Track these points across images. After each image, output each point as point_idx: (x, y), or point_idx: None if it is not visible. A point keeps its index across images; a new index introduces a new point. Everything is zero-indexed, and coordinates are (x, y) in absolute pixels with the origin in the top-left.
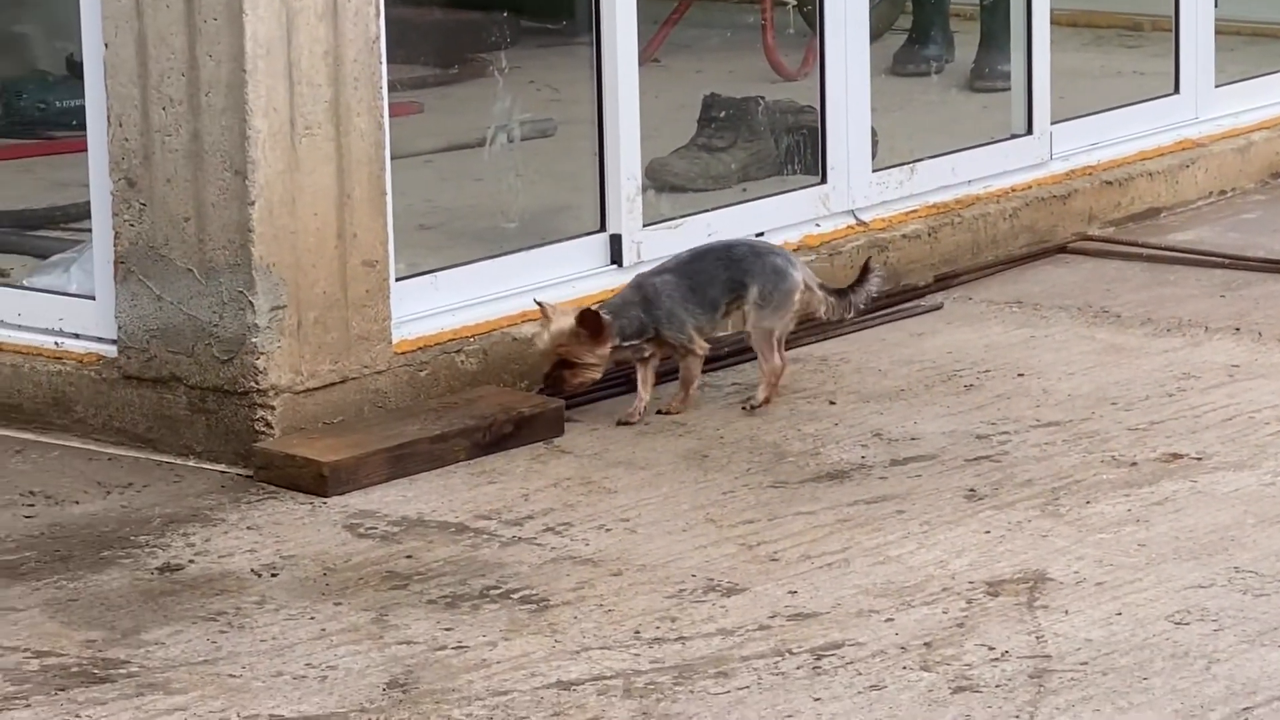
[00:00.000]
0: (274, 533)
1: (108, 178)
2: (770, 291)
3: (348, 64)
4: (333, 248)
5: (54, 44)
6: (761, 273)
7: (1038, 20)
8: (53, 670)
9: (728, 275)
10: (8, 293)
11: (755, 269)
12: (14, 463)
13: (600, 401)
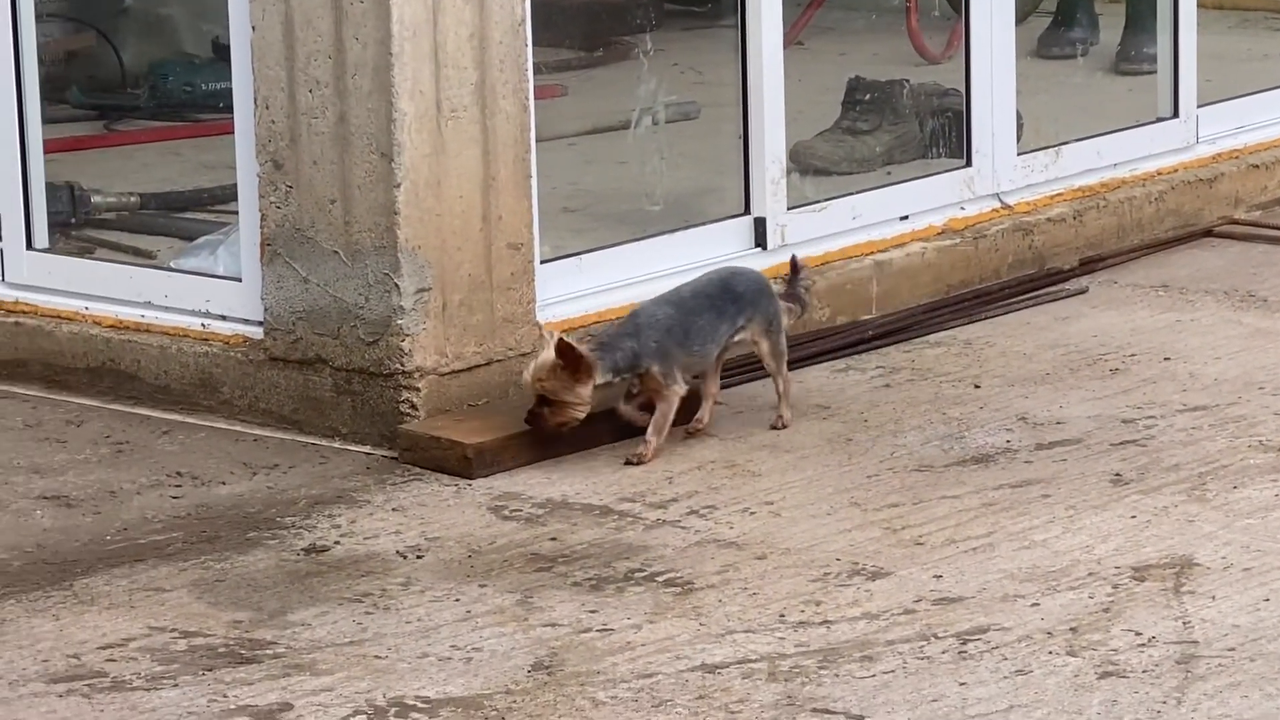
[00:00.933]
0: (419, 515)
1: (254, 160)
2: (774, 315)
3: (493, 46)
4: (478, 230)
5: (199, 27)
6: (762, 300)
7: (1184, 2)
8: (200, 650)
9: (734, 309)
10: (155, 275)
11: (757, 298)
12: (161, 444)
13: (743, 385)
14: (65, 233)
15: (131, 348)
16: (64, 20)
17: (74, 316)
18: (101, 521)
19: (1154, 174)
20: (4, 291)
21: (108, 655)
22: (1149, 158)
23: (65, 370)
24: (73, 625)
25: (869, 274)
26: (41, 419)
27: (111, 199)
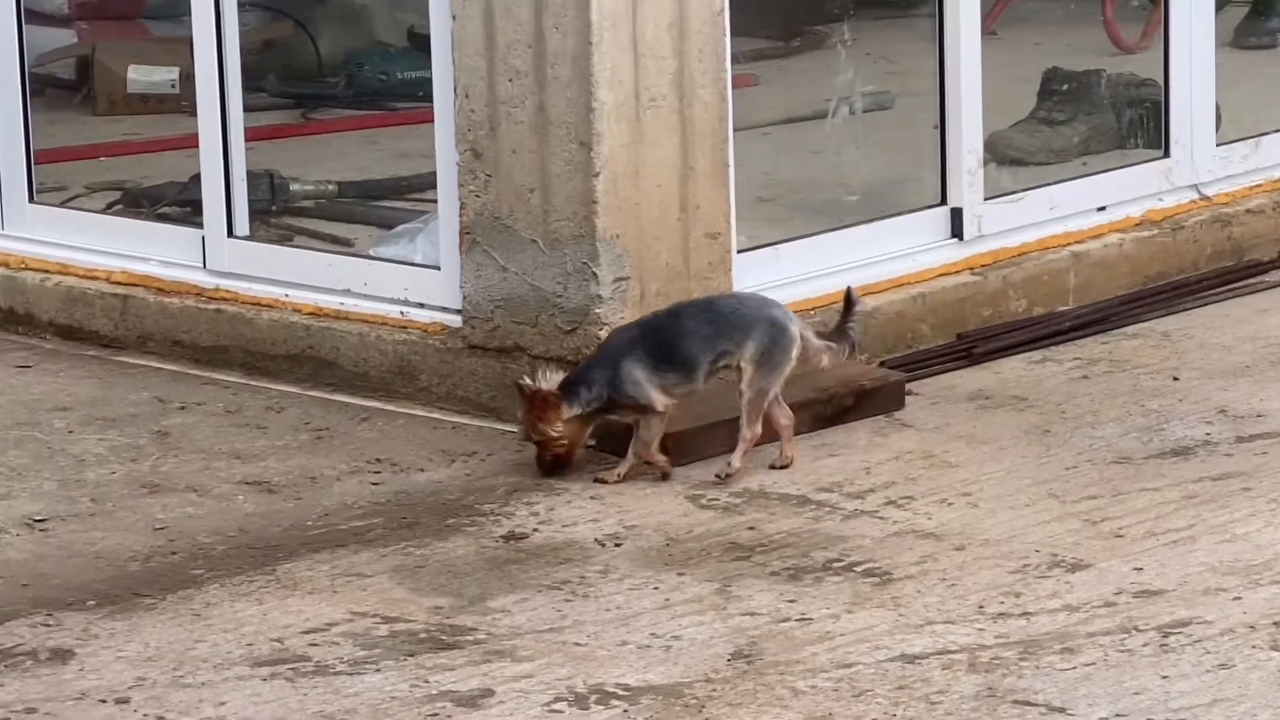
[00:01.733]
0: (616, 503)
1: (454, 149)
2: (770, 347)
3: (692, 36)
4: (675, 219)
5: (395, 16)
6: (758, 328)
7: None
8: (401, 636)
9: (711, 330)
10: (354, 262)
11: (750, 324)
12: (360, 430)
13: (939, 375)
14: (264, 220)
15: (330, 335)
16: (262, 9)
17: (274, 304)
18: (302, 507)
19: None
20: (205, 279)
21: (310, 640)
22: None
23: (265, 357)
24: (276, 609)
25: (1066, 265)
26: (242, 405)
27: (310, 187)
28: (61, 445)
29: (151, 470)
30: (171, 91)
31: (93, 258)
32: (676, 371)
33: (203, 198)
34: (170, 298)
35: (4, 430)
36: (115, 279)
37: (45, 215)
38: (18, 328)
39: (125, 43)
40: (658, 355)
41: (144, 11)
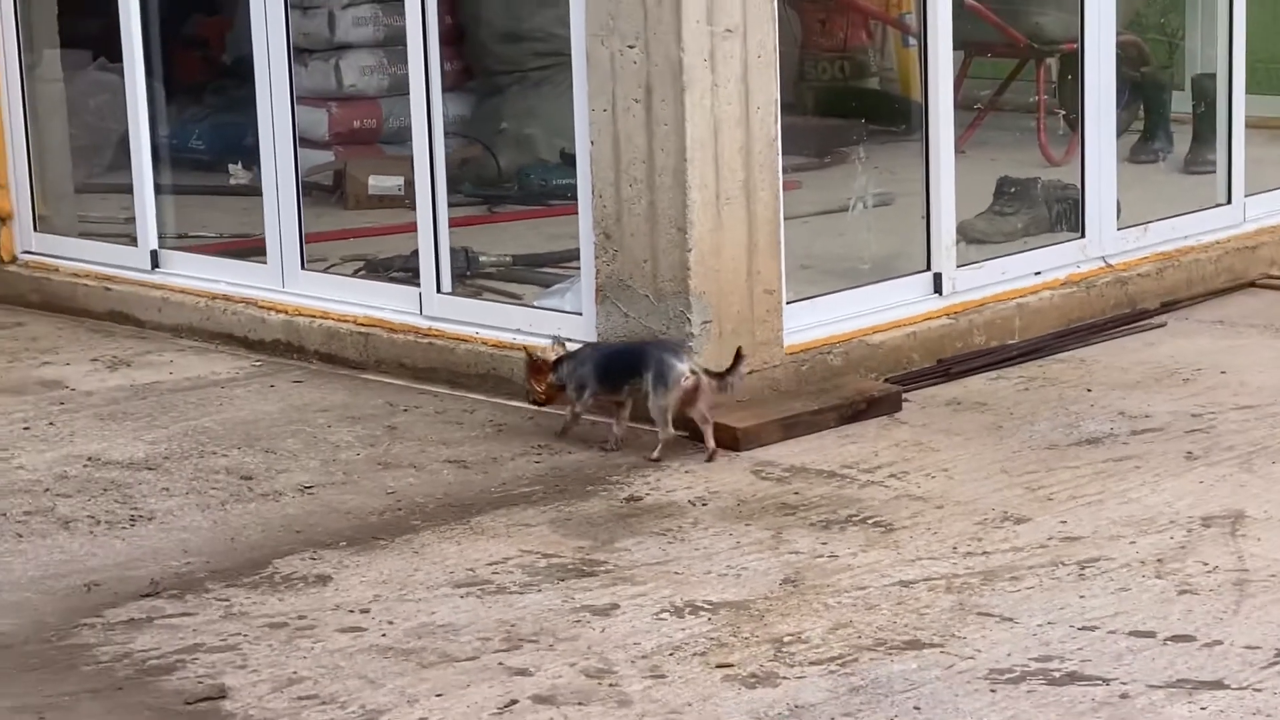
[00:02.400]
0: (704, 475)
1: (592, 232)
2: (661, 378)
3: (755, 155)
4: (743, 281)
5: (551, 141)
6: (655, 364)
7: (1236, 122)
8: (555, 567)
9: (627, 365)
10: (523, 310)
11: (651, 361)
12: (528, 426)
13: (926, 388)
14: (462, 281)
15: (507, 360)
16: (460, 137)
17: (468, 339)
18: (487, 478)
19: (1213, 243)
20: (422, 321)
21: (493, 569)
22: (1210, 232)
23: (462, 375)
24: (469, 549)
25: (1013, 312)
26: (446, 409)
27: (493, 258)
28: (323, 436)
29: (384, 453)
30: (399, 194)
31: (344, 307)
32: (607, 387)
33: (420, 266)
34: (397, 334)
35: (284, 425)
36: (360, 321)
37: (312, 278)
38: (293, 355)
39: (367, 160)
40: (601, 374)
41: (380, 138)
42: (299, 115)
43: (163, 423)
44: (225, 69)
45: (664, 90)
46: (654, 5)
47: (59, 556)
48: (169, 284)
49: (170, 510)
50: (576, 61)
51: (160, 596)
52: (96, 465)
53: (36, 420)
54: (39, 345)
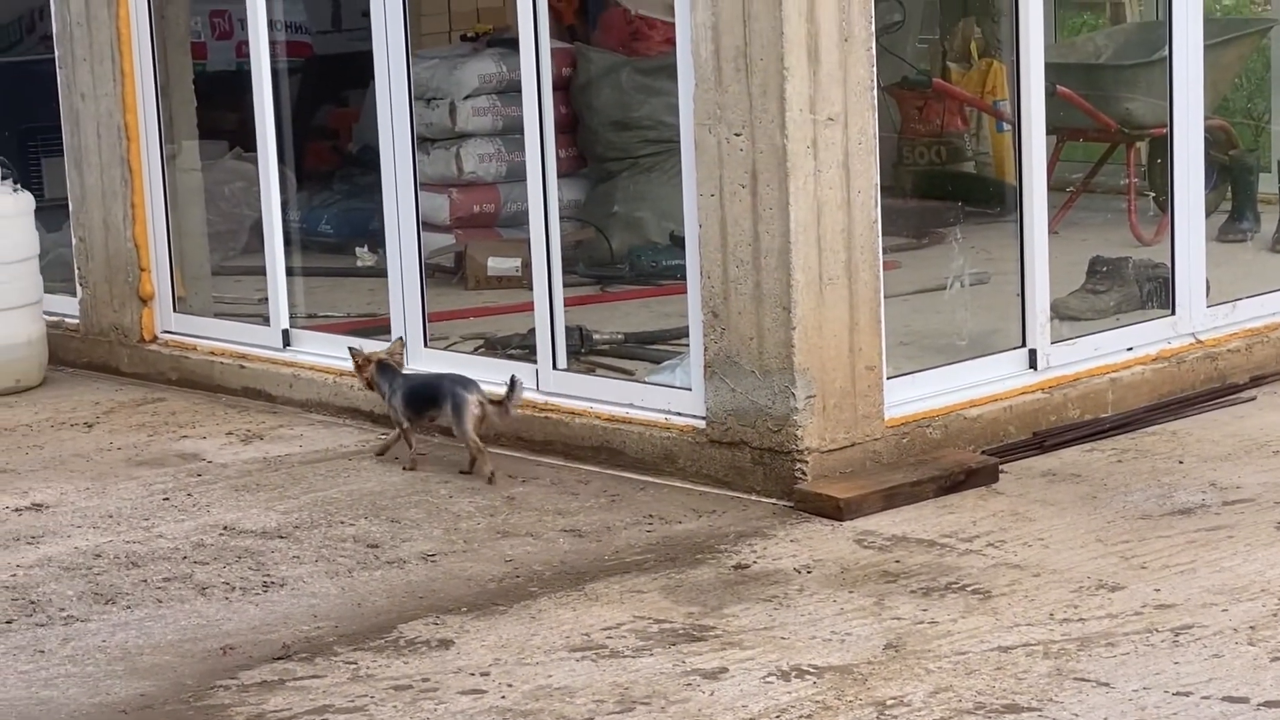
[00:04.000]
0: (808, 544)
1: (700, 311)
2: (456, 408)
3: (856, 237)
4: (845, 357)
5: (661, 224)
6: (450, 396)
7: None
8: (666, 632)
9: (429, 396)
10: (635, 385)
11: (446, 394)
12: (639, 496)
13: (1021, 460)
14: (576, 357)
15: (620, 433)
16: (574, 220)
17: (583, 413)
18: (601, 546)
19: None
20: (538, 396)
21: (607, 634)
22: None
23: (577, 448)
24: (585, 614)
25: (1106, 386)
26: (562, 479)
27: (605, 336)
28: (445, 506)
29: (503, 522)
30: (516, 274)
31: None
32: (412, 411)
33: (536, 343)
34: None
35: (407, 496)
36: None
37: (435, 355)
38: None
39: (486, 242)
40: (408, 400)
41: (498, 222)
42: (422, 200)
43: (293, 493)
44: (352, 157)
45: (769, 176)
46: (759, 95)
47: (196, 621)
48: (299, 361)
49: (300, 577)
50: (685, 149)
51: (291, 659)
52: (231, 534)
53: (175, 491)
54: (177, 420)
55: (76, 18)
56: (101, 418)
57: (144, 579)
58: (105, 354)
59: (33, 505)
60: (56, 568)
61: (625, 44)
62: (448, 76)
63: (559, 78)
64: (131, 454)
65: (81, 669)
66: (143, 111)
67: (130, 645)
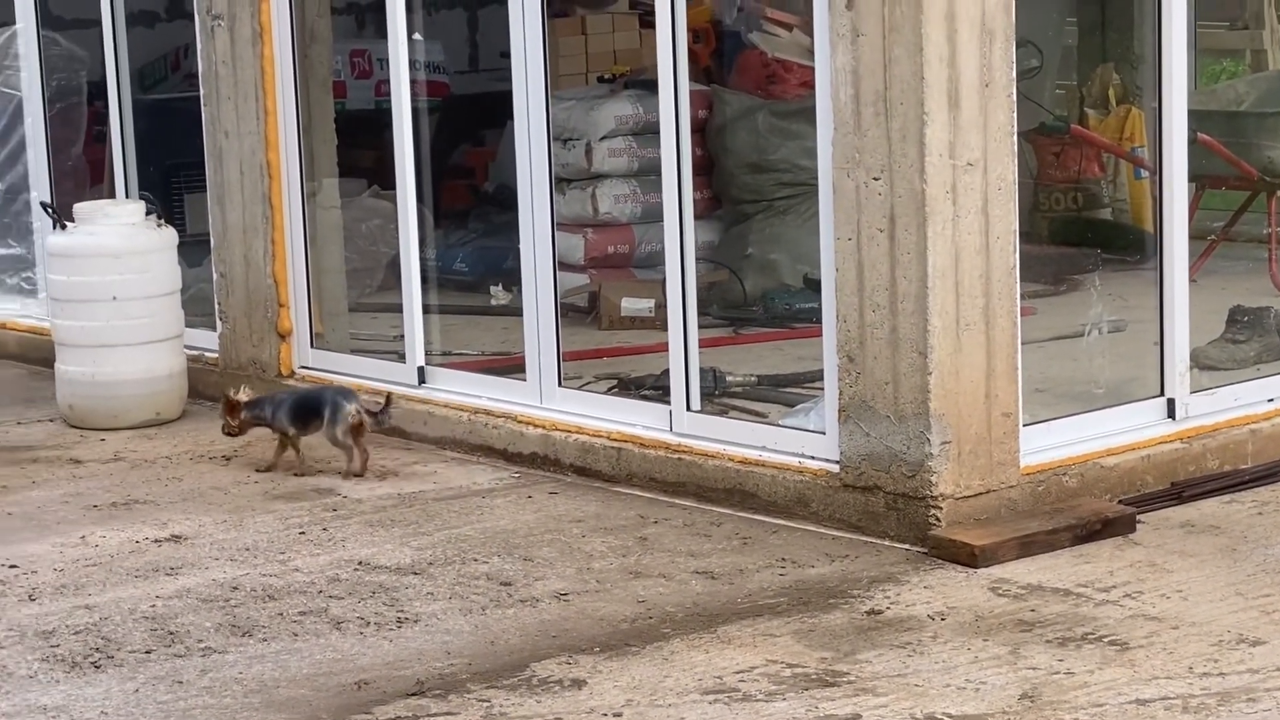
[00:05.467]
0: (941, 591)
1: (835, 355)
2: (333, 416)
3: (994, 282)
4: (981, 404)
5: (795, 266)
6: (330, 404)
7: None
8: (799, 676)
9: (310, 406)
10: (769, 428)
11: (326, 403)
12: (772, 539)
13: (1159, 510)
14: (710, 399)
15: (753, 476)
16: (708, 262)
17: (716, 455)
18: (734, 589)
19: None
20: (671, 438)
21: (740, 678)
22: None
23: (710, 490)
24: (717, 657)
25: (1246, 437)
26: (694, 521)
27: (739, 378)
28: (578, 545)
29: (635, 563)
30: (650, 315)
31: (598, 423)
32: (296, 423)
33: (670, 385)
34: (648, 449)
35: (540, 535)
36: (613, 436)
37: (569, 395)
38: (549, 468)
39: (620, 283)
40: (292, 412)
41: (633, 262)
42: (557, 240)
43: (427, 530)
44: (488, 196)
45: (907, 220)
46: (898, 140)
47: (331, 655)
48: (434, 399)
49: (434, 613)
50: (823, 192)
51: (425, 696)
52: (366, 569)
53: (311, 526)
54: (314, 454)
55: (222, 56)
56: (239, 451)
57: (280, 612)
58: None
59: (172, 537)
60: (195, 599)
61: (761, 87)
62: (584, 117)
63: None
64: (268, 488)
65: (219, 700)
66: (285, 149)
67: (266, 678)
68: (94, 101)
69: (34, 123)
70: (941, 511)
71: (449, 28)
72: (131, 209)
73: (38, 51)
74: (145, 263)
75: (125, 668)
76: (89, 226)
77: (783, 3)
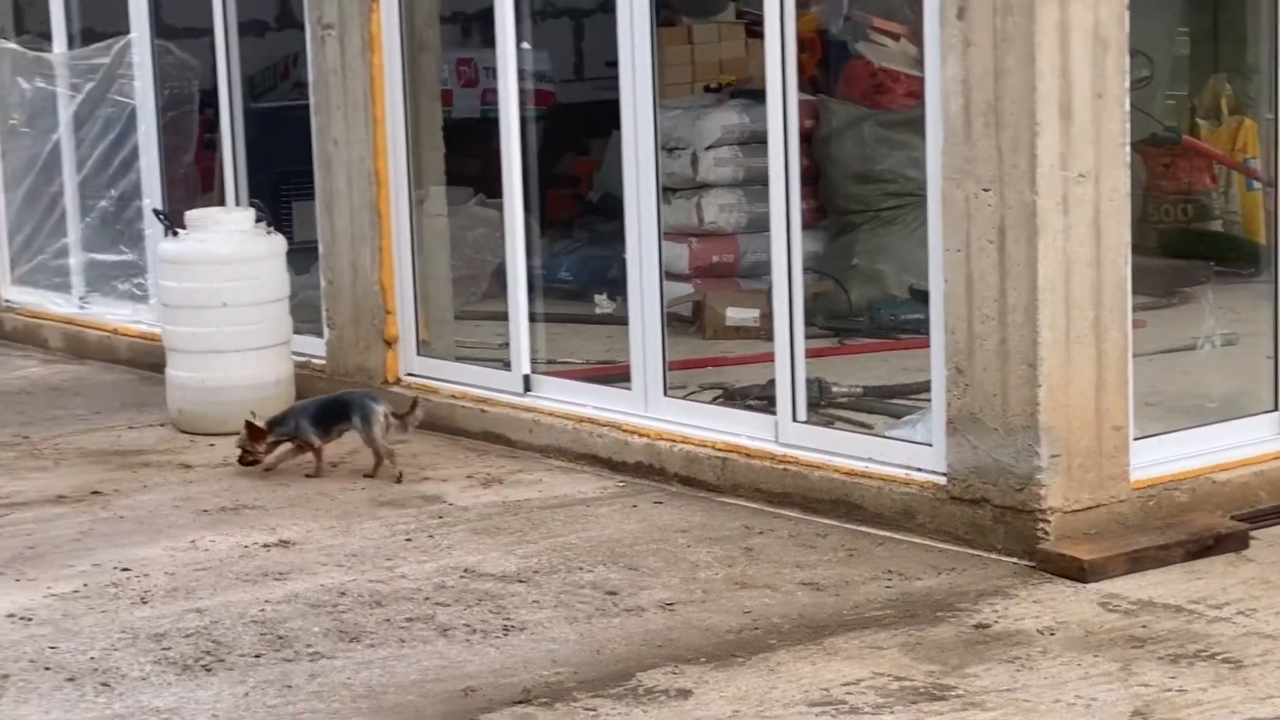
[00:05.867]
0: (1050, 605)
1: (944, 367)
2: (364, 419)
3: (1105, 295)
4: (1091, 417)
5: (900, 277)
6: (359, 408)
7: None
8: (906, 690)
9: (337, 411)
10: (876, 440)
11: (355, 407)
12: (878, 551)
13: (1273, 526)
14: (816, 410)
15: (859, 487)
16: (814, 272)
17: (822, 465)
18: (840, 601)
19: None
20: (777, 448)
21: (846, 690)
22: None
23: (815, 501)
24: (824, 669)
25: None
26: (799, 532)
27: (845, 389)
28: (683, 555)
29: (741, 573)
30: (754, 325)
31: (703, 432)
32: (321, 430)
33: (776, 395)
34: (754, 460)
35: (645, 544)
36: (718, 446)
37: (674, 404)
38: (654, 477)
39: (725, 293)
40: (316, 420)
41: (737, 272)
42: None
43: (532, 538)
44: (593, 205)
45: (1017, 232)
46: (1009, 151)
47: (438, 661)
48: (539, 407)
49: (540, 622)
50: (932, 203)
51: (532, 704)
52: (472, 576)
53: (417, 532)
54: (419, 462)
55: (332, 66)
56: (346, 457)
57: (387, 618)
58: None
59: (280, 542)
60: (303, 604)
61: (868, 97)
62: (690, 127)
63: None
64: (374, 494)
65: (327, 705)
66: (393, 158)
67: (374, 683)
68: (205, 109)
69: (147, 130)
70: (1050, 525)
71: (555, 36)
72: (241, 216)
73: (151, 60)
74: (255, 269)
75: (235, 671)
76: (200, 233)
77: (889, 12)
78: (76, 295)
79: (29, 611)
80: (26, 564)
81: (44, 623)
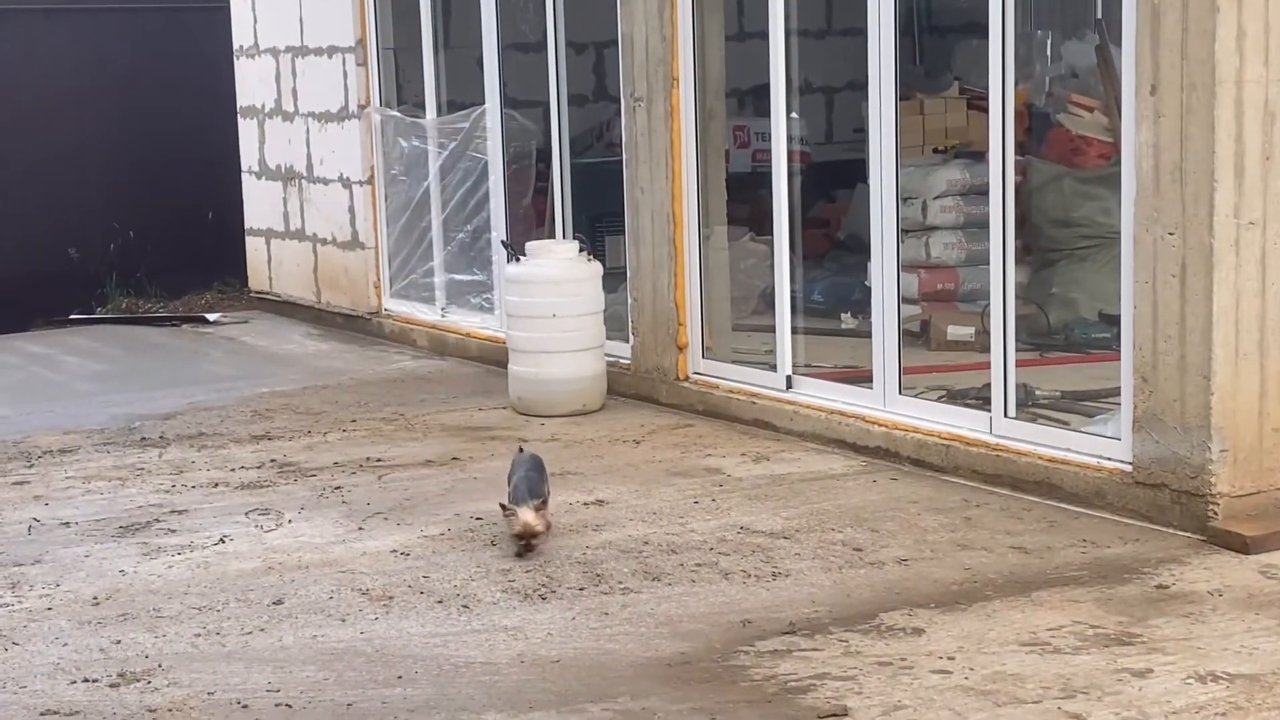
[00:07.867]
0: (1219, 572)
1: (1131, 376)
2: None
3: (1269, 320)
4: (1255, 420)
5: (1091, 303)
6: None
7: None
8: (1100, 635)
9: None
10: (1073, 434)
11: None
12: (1074, 524)
13: None
14: (1022, 409)
15: (1058, 471)
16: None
17: (1027, 453)
18: (1044, 563)
19: None
20: (992, 439)
21: (1050, 634)
22: None
23: (1022, 482)
24: (1031, 616)
25: None
26: (1009, 507)
27: (1046, 392)
28: (914, 521)
29: (961, 537)
30: (970, 340)
31: (930, 424)
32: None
33: (991, 395)
34: (972, 447)
35: (884, 512)
36: (943, 435)
37: (907, 401)
38: (890, 459)
39: (947, 314)
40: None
41: (957, 297)
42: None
43: (794, 504)
44: (840, 243)
45: (1196, 268)
46: (1191, 202)
47: (721, 599)
48: (798, 401)
49: (801, 570)
50: (1125, 244)
51: (796, 634)
52: (746, 533)
53: (702, 497)
54: (703, 442)
55: (641, 129)
56: (646, 437)
57: (681, 563)
58: (649, 388)
59: (596, 501)
60: (615, 550)
61: (1066, 158)
62: (921, 181)
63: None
64: (669, 466)
65: (636, 629)
66: (686, 202)
67: (672, 614)
68: (538, 164)
69: (495, 180)
70: (1219, 507)
71: (809, 108)
72: (568, 247)
73: (500, 125)
74: (578, 289)
75: (564, 600)
76: (536, 260)
77: (1085, 89)
78: (439, 306)
79: (407, 548)
80: (404, 512)
81: (418, 557)
